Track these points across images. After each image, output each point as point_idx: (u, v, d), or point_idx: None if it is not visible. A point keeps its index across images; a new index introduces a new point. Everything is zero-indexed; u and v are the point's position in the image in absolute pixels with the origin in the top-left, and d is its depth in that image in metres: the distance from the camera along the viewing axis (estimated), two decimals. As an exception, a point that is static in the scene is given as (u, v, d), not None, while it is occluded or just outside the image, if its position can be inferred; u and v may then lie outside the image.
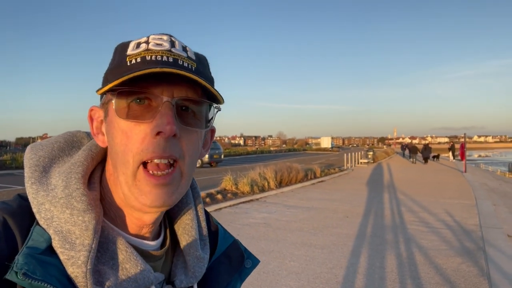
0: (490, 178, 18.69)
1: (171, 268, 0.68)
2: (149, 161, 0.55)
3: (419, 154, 28.15)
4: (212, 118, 0.63)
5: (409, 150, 30.13)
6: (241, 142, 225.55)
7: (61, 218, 0.54)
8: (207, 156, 20.71)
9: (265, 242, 5.62)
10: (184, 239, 0.68)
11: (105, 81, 0.58)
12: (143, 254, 0.61)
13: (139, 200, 0.56)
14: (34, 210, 0.55)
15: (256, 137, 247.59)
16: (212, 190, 10.26)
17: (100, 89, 0.57)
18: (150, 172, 0.55)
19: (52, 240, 0.53)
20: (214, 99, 0.60)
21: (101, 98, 0.61)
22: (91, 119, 0.63)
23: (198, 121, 0.59)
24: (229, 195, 9.89)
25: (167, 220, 0.71)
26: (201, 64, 0.61)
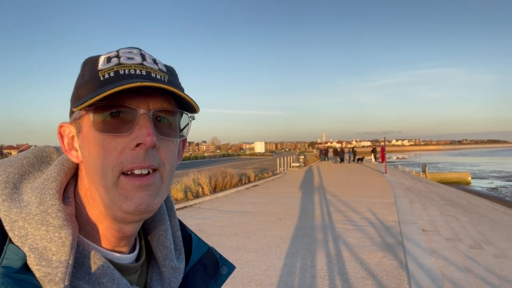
0: (407, 178, 20.52)
1: (146, 281, 0.68)
2: (129, 172, 0.55)
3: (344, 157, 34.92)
4: (186, 127, 0.64)
5: (333, 153, 39.34)
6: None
7: (36, 235, 0.53)
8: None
9: (199, 249, 5.53)
10: (159, 250, 0.68)
11: (77, 96, 0.58)
12: (119, 267, 0.61)
13: (123, 208, 0.56)
14: (7, 228, 0.53)
15: (190, 143, 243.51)
16: (144, 198, 9.86)
17: (78, 105, 0.55)
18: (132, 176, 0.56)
19: (27, 258, 0.51)
20: (188, 108, 0.61)
21: (71, 114, 0.61)
22: (61, 135, 0.62)
23: (174, 131, 0.60)
24: (161, 202, 9.60)
25: (141, 232, 0.71)
26: (172, 75, 0.62)
